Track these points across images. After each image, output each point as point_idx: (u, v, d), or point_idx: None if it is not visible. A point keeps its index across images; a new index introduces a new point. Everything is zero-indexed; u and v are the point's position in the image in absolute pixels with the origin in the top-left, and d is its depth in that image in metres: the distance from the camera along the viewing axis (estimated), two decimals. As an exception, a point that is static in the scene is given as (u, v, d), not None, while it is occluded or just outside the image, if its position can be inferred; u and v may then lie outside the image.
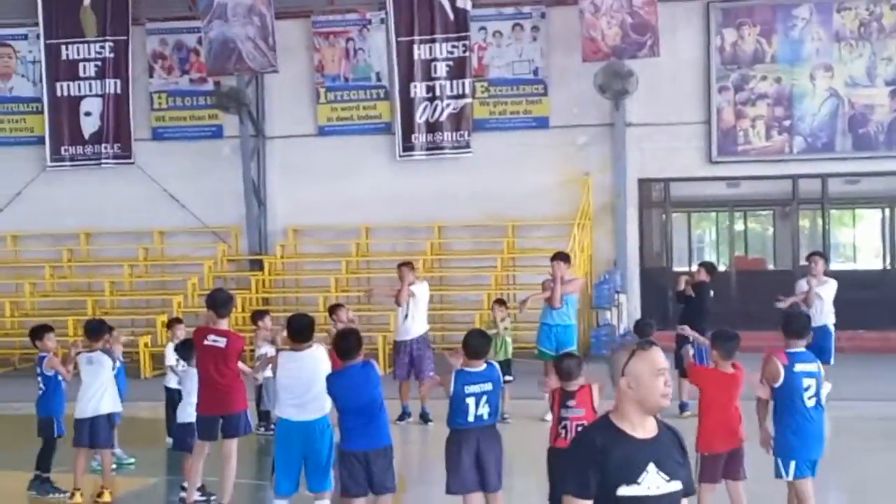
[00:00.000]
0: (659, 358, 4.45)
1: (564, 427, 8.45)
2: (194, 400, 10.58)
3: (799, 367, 8.59)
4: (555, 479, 8.44)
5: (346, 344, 9.04)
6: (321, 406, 9.35)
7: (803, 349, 8.78)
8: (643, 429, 4.43)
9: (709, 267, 16.38)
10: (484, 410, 8.65)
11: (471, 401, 8.62)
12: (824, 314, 15.13)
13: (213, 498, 10.59)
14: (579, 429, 8.38)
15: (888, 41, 21.93)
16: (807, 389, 8.59)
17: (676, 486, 4.42)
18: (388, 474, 8.91)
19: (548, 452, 8.60)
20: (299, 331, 9.55)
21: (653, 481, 4.35)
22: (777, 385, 8.61)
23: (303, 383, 9.33)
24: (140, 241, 24.27)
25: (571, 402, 8.47)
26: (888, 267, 23.33)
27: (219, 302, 10.47)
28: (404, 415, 14.89)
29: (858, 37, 21.94)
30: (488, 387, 8.70)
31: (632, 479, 4.33)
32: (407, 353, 15.08)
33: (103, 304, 23.17)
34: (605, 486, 4.32)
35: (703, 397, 9.02)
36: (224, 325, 10.38)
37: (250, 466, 12.21)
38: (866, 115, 21.95)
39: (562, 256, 15.30)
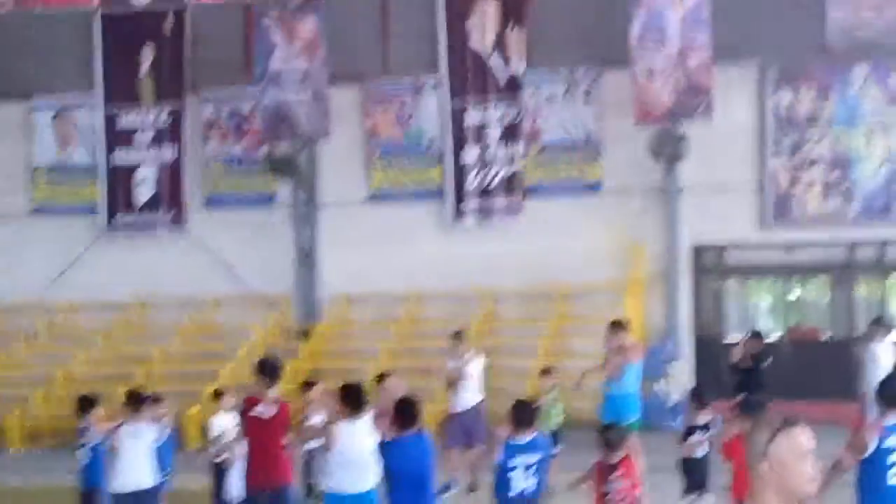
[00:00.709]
0: (806, 438, 4.00)
1: (610, 500, 8.27)
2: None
3: (890, 442, 8.22)
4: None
5: (407, 412, 8.86)
6: (374, 476, 9.24)
7: None
8: None
9: (756, 336, 16.13)
10: (529, 483, 8.51)
11: (516, 473, 8.49)
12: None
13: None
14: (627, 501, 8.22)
15: (946, 104, 21.60)
16: (893, 465, 8.22)
17: None
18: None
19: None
20: (355, 399, 9.42)
21: None
22: (864, 456, 8.23)
23: (363, 453, 9.20)
24: (191, 309, 24.24)
25: (615, 475, 8.30)
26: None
27: (268, 369, 10.38)
28: (449, 486, 14.53)
29: (916, 99, 21.63)
30: (535, 458, 8.56)
31: None
32: (460, 423, 14.90)
33: (154, 374, 23.03)
34: None
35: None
36: (273, 393, 10.25)
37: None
38: (925, 180, 21.56)
39: (616, 325, 14.96)
